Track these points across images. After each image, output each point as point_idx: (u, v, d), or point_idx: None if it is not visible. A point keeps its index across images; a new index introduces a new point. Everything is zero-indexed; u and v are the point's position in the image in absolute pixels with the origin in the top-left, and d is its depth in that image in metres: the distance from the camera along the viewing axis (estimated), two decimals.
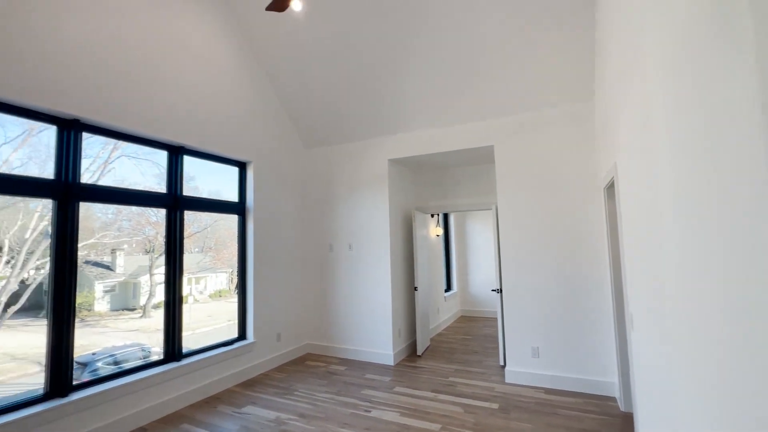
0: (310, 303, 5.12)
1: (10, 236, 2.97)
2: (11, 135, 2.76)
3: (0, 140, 2.77)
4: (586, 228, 3.66)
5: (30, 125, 2.78)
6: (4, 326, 2.88)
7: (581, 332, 3.62)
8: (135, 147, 3.45)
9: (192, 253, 4.90)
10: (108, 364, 3.54)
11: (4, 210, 3.03)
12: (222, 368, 3.84)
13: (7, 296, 2.89)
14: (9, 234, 2.97)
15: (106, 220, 3.88)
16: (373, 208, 4.76)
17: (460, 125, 4.31)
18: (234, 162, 4.33)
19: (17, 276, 2.94)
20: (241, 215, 4.38)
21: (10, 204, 3.10)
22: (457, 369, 4.32)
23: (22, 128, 2.78)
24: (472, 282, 7.63)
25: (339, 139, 5.01)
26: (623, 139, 2.44)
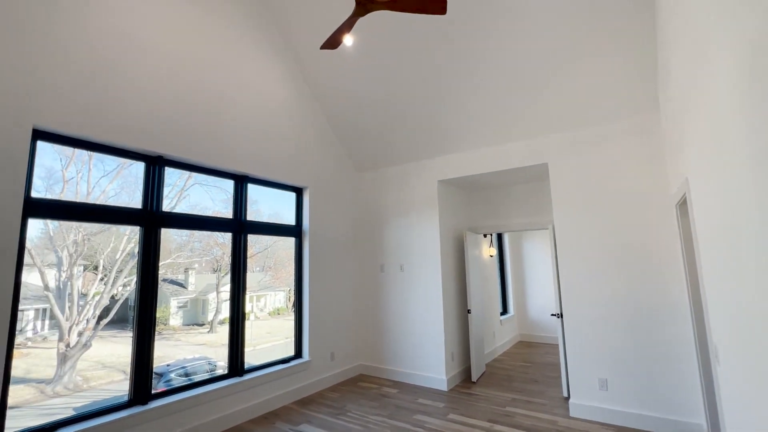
0: (362, 323, 5.19)
1: (104, 257, 3.42)
2: (108, 168, 3.24)
3: (100, 173, 3.27)
4: (657, 248, 3.36)
5: (123, 160, 3.22)
6: (97, 337, 3.25)
7: (656, 364, 3.27)
8: (206, 176, 3.84)
9: (254, 272, 5.22)
10: (180, 375, 3.83)
11: (100, 234, 3.52)
12: (279, 385, 3.99)
13: (100, 310, 3.27)
14: (103, 255, 3.42)
15: (180, 241, 4.31)
16: (424, 228, 4.77)
17: (511, 143, 4.23)
18: (291, 188, 4.62)
19: (108, 292, 3.35)
20: (297, 237, 4.62)
21: (105, 229, 3.59)
22: (515, 398, 4.08)
23: (117, 162, 3.24)
24: (530, 305, 7.24)
25: (389, 162, 5.15)
26: (694, 154, 2.25)
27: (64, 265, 3.08)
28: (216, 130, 3.65)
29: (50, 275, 3.02)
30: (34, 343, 3.06)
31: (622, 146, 3.60)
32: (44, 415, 2.52)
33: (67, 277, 3.09)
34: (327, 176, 4.97)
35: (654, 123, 3.48)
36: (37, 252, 2.94)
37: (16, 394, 2.81)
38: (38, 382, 2.96)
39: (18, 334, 2.95)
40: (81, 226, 3.19)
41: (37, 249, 2.95)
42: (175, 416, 3.08)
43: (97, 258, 3.34)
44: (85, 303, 3.19)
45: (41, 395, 2.93)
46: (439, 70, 3.93)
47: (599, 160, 3.69)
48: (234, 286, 3.84)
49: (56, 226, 3.07)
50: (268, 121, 4.20)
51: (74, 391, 3.10)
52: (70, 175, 2.99)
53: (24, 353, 2.99)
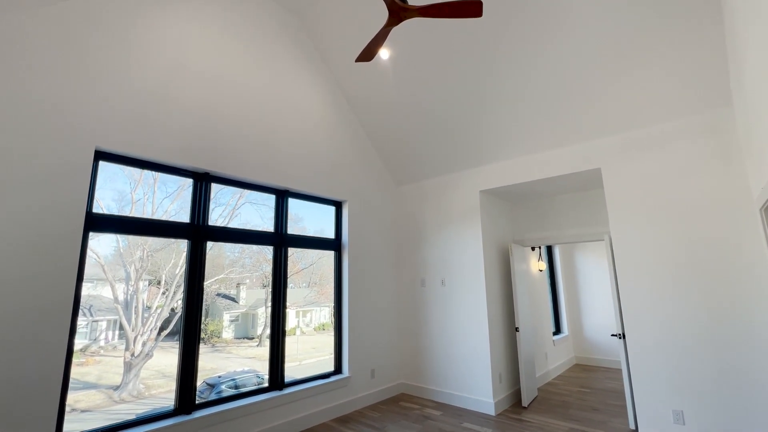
0: (403, 340, 5.03)
1: (165, 272, 3.64)
2: (169, 190, 3.48)
3: (163, 195, 3.52)
4: (739, 258, 2.92)
5: (182, 182, 3.45)
6: (158, 348, 3.43)
7: (746, 392, 2.80)
8: (256, 195, 4.02)
9: (300, 288, 5.31)
10: (230, 387, 3.90)
11: (162, 251, 3.76)
12: (319, 401, 3.93)
13: (161, 321, 3.46)
14: (165, 270, 3.64)
15: (233, 257, 4.51)
16: (466, 241, 4.57)
17: (559, 149, 3.97)
18: (331, 202, 4.66)
19: (168, 305, 3.53)
20: (337, 251, 4.62)
21: (165, 246, 3.85)
22: (572, 428, 3.69)
23: (177, 185, 3.47)
24: (586, 324, 6.65)
25: (428, 174, 5.05)
26: None
27: (131, 279, 3.32)
28: (258, 146, 3.79)
29: (119, 289, 3.27)
30: (105, 351, 3.28)
31: (687, 146, 3.23)
32: (110, 419, 2.68)
33: (133, 290, 3.32)
34: (366, 190, 4.96)
35: (726, 119, 3.09)
36: (109, 267, 3.20)
37: (89, 398, 3.04)
38: (107, 387, 3.18)
39: (92, 342, 3.23)
40: (146, 243, 3.45)
41: (109, 265, 3.20)
42: (216, 427, 3.10)
43: (159, 273, 3.57)
44: (149, 315, 3.40)
45: (109, 400, 3.14)
46: (478, 76, 3.82)
47: (661, 162, 3.34)
48: (275, 299, 3.88)
49: (125, 244, 3.33)
50: (307, 136, 4.29)
51: (137, 398, 3.27)
52: (138, 197, 3.28)
53: (97, 360, 3.22)
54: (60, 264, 2.50)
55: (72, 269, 2.55)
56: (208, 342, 4.33)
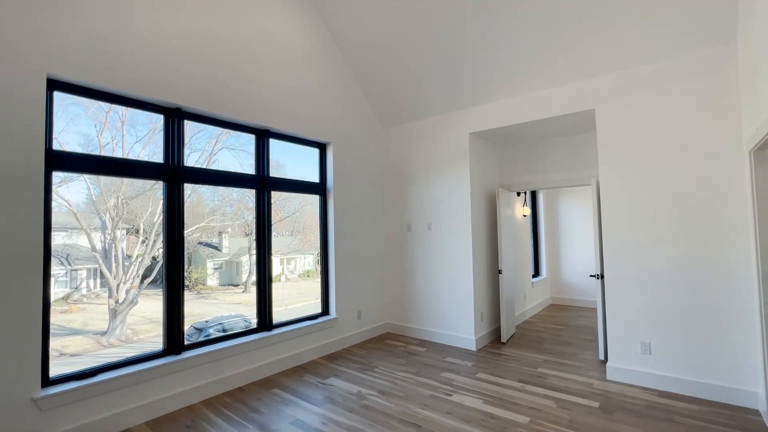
0: (389, 283, 5.13)
1: (143, 220, 3.55)
2: (140, 134, 3.25)
3: (133, 139, 3.30)
4: (719, 202, 2.98)
5: (153, 124, 3.19)
6: (143, 295, 3.47)
7: (709, 328, 3.00)
8: (234, 139, 3.79)
9: (283, 236, 5.32)
10: (218, 330, 4.01)
11: (138, 198, 3.61)
12: (307, 341, 4.04)
13: (143, 270, 3.48)
14: (143, 219, 3.55)
15: (213, 206, 4.43)
16: (454, 186, 4.52)
17: (552, 89, 3.80)
18: (315, 144, 4.44)
19: (149, 253, 3.52)
20: (322, 195, 4.50)
21: (140, 192, 3.69)
22: (547, 360, 3.95)
23: (148, 128, 3.22)
24: (564, 267, 6.94)
25: (416, 116, 4.83)
26: None
27: (107, 227, 3.26)
28: (235, 81, 3.48)
29: (96, 238, 3.25)
30: (88, 299, 3.34)
31: (684, 86, 3.13)
32: (101, 361, 2.75)
33: (111, 239, 3.28)
34: (351, 131, 4.74)
35: (727, 57, 2.97)
36: (83, 216, 3.14)
37: (76, 343, 3.16)
38: (94, 333, 3.27)
39: (74, 291, 3.27)
40: (119, 190, 3.35)
41: (82, 213, 3.14)
42: (206, 366, 3.16)
43: (137, 222, 3.52)
44: (130, 263, 3.41)
45: (98, 345, 3.26)
46: (468, 10, 3.51)
47: (656, 103, 3.24)
48: (259, 243, 3.81)
49: (97, 191, 3.23)
50: (289, 72, 3.97)
51: (126, 342, 3.39)
52: (105, 141, 3.10)
53: (80, 308, 3.29)
54: (24, 207, 2.31)
55: (38, 213, 2.37)
56: (193, 289, 4.35)
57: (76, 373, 2.56)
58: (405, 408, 2.93)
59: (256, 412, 2.92)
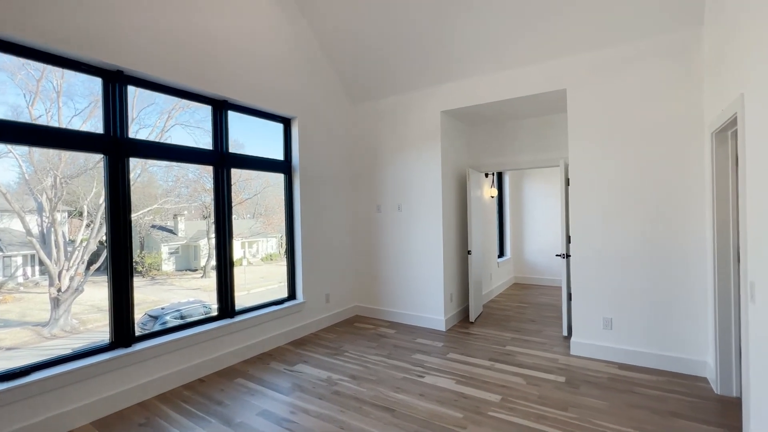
0: (358, 265, 5.01)
1: (87, 202, 3.24)
2: (79, 107, 2.90)
3: (71, 111, 2.91)
4: (679, 183, 3.08)
5: (95, 96, 2.81)
6: (90, 282, 3.21)
7: (666, 303, 3.15)
8: (188, 115, 3.48)
9: (244, 219, 5.07)
10: (175, 318, 3.79)
11: (80, 178, 3.23)
12: (273, 326, 3.85)
13: (89, 255, 3.21)
14: (87, 200, 3.25)
15: (167, 187, 4.13)
16: (425, 165, 4.41)
17: (526, 67, 3.75)
18: (278, 118, 4.14)
19: (95, 237, 3.25)
20: (286, 174, 4.24)
21: (82, 171, 3.29)
22: (514, 338, 4.04)
23: (88, 100, 2.86)
24: (527, 248, 7.14)
25: (387, 92, 4.63)
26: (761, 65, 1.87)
27: (45, 210, 2.98)
28: (189, 44, 3.10)
29: (32, 221, 2.97)
30: (26, 288, 3.11)
31: (653, 67, 3.17)
32: (43, 355, 2.48)
33: (49, 222, 3.00)
34: (318, 106, 4.47)
35: (693, 41, 3.02)
36: (14, 197, 2.88)
37: (14, 336, 2.93)
38: (34, 325, 3.04)
39: (8, 279, 3.04)
40: (57, 168, 3.04)
41: (14, 194, 2.88)
42: (161, 358, 2.91)
43: (80, 203, 3.27)
44: (73, 249, 3.15)
45: (39, 337, 3.02)
46: None
47: (627, 83, 3.27)
48: (219, 225, 3.52)
49: (30, 169, 2.94)
50: (250, 39, 3.61)
51: (71, 333, 3.16)
52: (38, 113, 2.76)
53: (17, 298, 3.06)
54: None
55: None
56: (146, 275, 4.04)
57: (4, 373, 2.23)
58: (377, 392, 2.86)
59: (219, 404, 2.73)
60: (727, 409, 2.51)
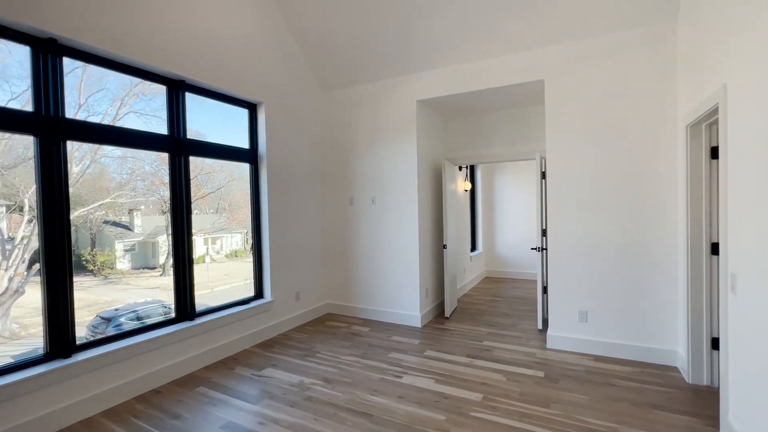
0: (329, 261, 4.79)
1: (29, 197, 2.92)
2: (17, 90, 2.45)
3: (7, 96, 2.49)
4: (652, 176, 3.11)
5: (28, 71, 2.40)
6: (32, 283, 2.87)
7: (639, 295, 3.18)
8: (144, 103, 3.16)
9: (207, 214, 4.78)
10: (131, 319, 3.48)
11: (18, 168, 2.90)
12: (239, 328, 3.57)
13: (30, 254, 2.88)
14: (28, 194, 2.91)
15: (121, 180, 3.84)
16: (400, 157, 4.25)
17: (504, 56, 3.66)
18: (243, 103, 3.82)
19: (38, 234, 2.81)
20: (253, 164, 3.93)
21: (21, 161, 2.93)
22: (490, 332, 3.98)
23: (27, 83, 2.42)
24: (499, 242, 7.19)
25: (360, 79, 4.41)
26: (745, 51, 1.84)
27: None
28: (137, 15, 2.74)
29: None
30: None
31: (630, 60, 3.16)
32: None
33: None
34: (287, 92, 4.18)
35: (668, 33, 3.03)
36: None
37: None
38: None
39: None
40: None
41: None
42: (109, 369, 2.57)
43: (20, 198, 2.96)
44: (13, 247, 2.89)
45: None
46: None
47: (605, 75, 3.26)
48: (177, 218, 3.19)
49: None
50: (213, 14, 3.27)
51: (11, 339, 2.89)
52: None
53: None
54: None
55: None
56: (99, 274, 3.68)
57: None
58: (353, 396, 2.68)
59: (177, 418, 2.45)
60: (701, 399, 2.55)
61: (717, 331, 2.68)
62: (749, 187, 1.84)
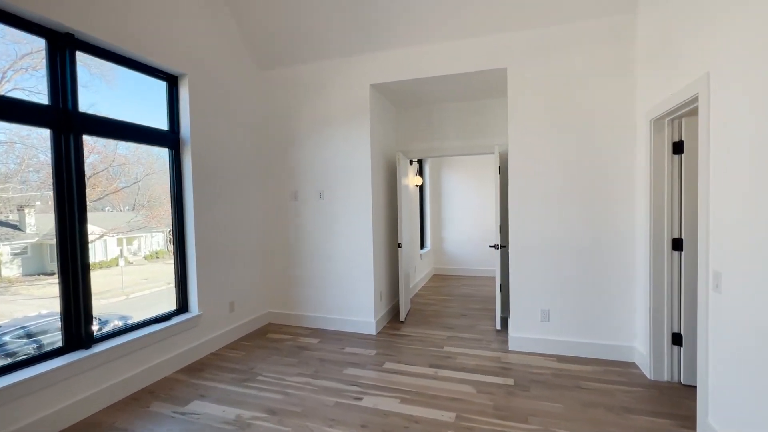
0: (270, 264, 4.20)
1: None
2: None
3: None
4: (611, 170, 3.07)
5: None
6: None
7: (597, 292, 3.14)
8: (35, 80, 2.28)
9: (121, 212, 4.13)
10: (18, 337, 2.79)
11: None
12: (156, 352, 2.88)
13: None
14: None
15: (6, 171, 3.00)
16: (352, 147, 3.81)
17: (466, 40, 3.40)
18: (161, 74, 3.09)
19: None
20: (174, 149, 3.22)
21: None
22: (449, 336, 3.75)
23: None
24: (446, 238, 7.08)
25: (306, 57, 3.88)
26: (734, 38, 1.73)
27: None
28: None
29: None
30: None
31: (593, 51, 3.08)
32: None
33: None
34: (216, 66, 3.51)
35: (627, 26, 2.99)
36: None
37: None
38: None
39: None
40: None
41: None
42: None
43: None
44: None
45: None
46: None
47: (570, 65, 3.14)
48: (63, 215, 2.43)
49: None
50: None
51: None
52: None
53: None
54: None
55: None
56: None
57: None
58: (305, 430, 2.22)
59: None
60: (668, 398, 2.51)
61: (678, 327, 2.69)
62: (736, 182, 1.75)
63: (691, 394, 2.50)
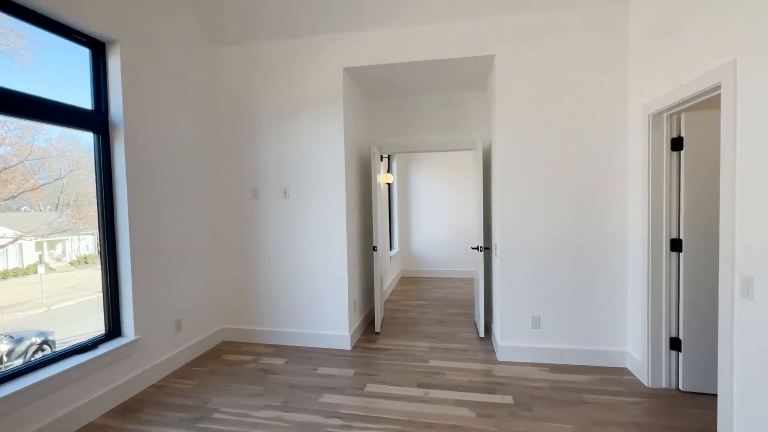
0: (225, 273, 3.61)
1: None
2: None
3: None
4: (605, 168, 2.92)
5: None
6: None
7: (589, 296, 2.98)
8: None
9: (41, 211, 3.49)
10: None
11: None
12: (77, 391, 2.25)
13: None
14: None
15: None
16: (321, 138, 3.36)
17: (452, 23, 3.10)
18: (81, 37, 2.43)
19: None
20: (100, 133, 2.58)
21: None
22: (432, 347, 3.43)
23: None
24: (414, 239, 6.80)
25: (267, 32, 3.36)
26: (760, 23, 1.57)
27: None
28: None
29: None
30: None
31: (583, 42, 2.91)
32: None
33: None
34: (157, 34, 2.89)
35: (620, 16, 2.85)
36: None
37: None
38: None
39: None
40: None
41: None
42: None
43: None
44: None
45: None
46: None
47: (561, 55, 2.95)
48: None
49: None
50: None
51: None
52: None
53: None
54: None
55: None
56: None
57: None
58: None
59: None
60: (675, 409, 2.37)
61: (676, 331, 2.58)
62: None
63: (696, 403, 2.38)
